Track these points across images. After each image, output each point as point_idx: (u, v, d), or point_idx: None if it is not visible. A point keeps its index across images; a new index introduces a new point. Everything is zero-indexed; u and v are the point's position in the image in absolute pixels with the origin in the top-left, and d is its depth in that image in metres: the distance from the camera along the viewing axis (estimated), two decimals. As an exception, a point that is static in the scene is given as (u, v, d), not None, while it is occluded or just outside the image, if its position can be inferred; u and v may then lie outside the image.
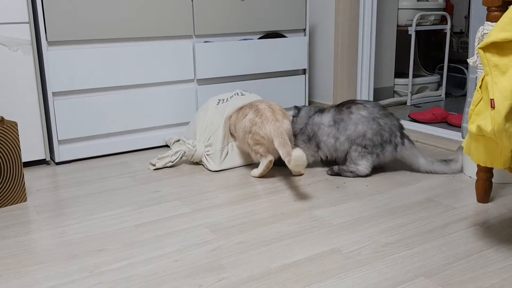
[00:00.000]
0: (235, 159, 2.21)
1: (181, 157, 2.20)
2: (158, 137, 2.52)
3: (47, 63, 2.19)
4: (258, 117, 2.02)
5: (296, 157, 1.79)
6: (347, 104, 2.05)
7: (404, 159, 2.04)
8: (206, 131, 2.22)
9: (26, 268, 1.38)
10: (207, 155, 2.20)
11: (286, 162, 1.86)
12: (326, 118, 2.06)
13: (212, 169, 2.16)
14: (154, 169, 2.19)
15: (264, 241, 1.51)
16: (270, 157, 2.03)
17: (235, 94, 2.30)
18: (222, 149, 2.17)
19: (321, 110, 2.11)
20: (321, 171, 2.14)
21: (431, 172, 2.06)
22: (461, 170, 2.07)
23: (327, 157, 2.11)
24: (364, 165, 2.01)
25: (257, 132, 2.01)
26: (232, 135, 2.22)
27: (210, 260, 1.41)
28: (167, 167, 2.22)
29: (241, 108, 2.19)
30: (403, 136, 2.02)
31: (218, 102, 2.28)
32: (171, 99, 2.50)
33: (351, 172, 2.03)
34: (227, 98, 2.29)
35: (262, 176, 2.07)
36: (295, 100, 2.89)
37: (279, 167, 2.17)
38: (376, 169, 2.12)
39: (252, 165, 2.23)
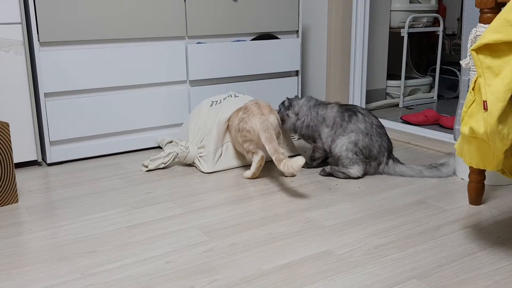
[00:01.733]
0: (229, 161, 2.20)
1: (174, 158, 2.19)
2: (150, 138, 2.51)
3: (39, 63, 2.17)
4: (245, 113, 2.04)
5: (297, 166, 1.78)
6: (350, 112, 2.08)
7: (390, 174, 2.09)
8: (199, 132, 2.22)
9: (17, 270, 1.37)
10: (199, 156, 2.19)
11: (274, 160, 1.87)
12: (329, 116, 2.10)
13: (205, 171, 2.15)
14: (147, 171, 2.18)
15: (257, 243, 1.51)
16: (261, 153, 2.03)
17: (228, 96, 2.30)
18: (215, 150, 2.16)
19: (323, 105, 2.15)
20: (314, 172, 2.14)
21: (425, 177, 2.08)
22: (453, 174, 2.08)
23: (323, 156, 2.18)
24: (356, 169, 2.03)
25: (243, 128, 2.01)
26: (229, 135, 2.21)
27: (202, 261, 1.40)
28: (159, 168, 2.21)
29: (237, 110, 2.18)
30: (389, 157, 2.07)
31: (212, 104, 2.28)
32: (164, 100, 2.49)
33: (342, 173, 2.04)
34: (220, 100, 2.28)
35: (255, 176, 2.06)
36: (288, 102, 2.89)
37: (273, 169, 2.17)
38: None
39: (246, 166, 2.22)
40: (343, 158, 2.03)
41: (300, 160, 1.78)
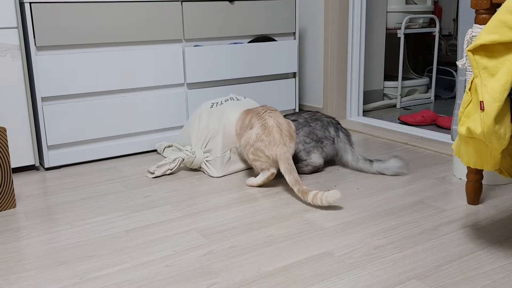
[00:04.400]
0: (239, 163, 2.17)
1: (180, 164, 2.17)
2: (148, 142, 2.51)
3: (36, 68, 2.17)
4: (266, 135, 1.93)
5: (333, 199, 1.73)
6: (289, 115, 2.24)
7: (339, 151, 2.15)
8: (202, 136, 2.19)
9: (15, 275, 1.37)
10: (206, 161, 2.17)
11: (296, 191, 1.82)
12: None
13: (215, 176, 2.13)
14: (153, 177, 2.16)
15: (256, 245, 1.51)
16: (273, 170, 1.96)
17: (229, 99, 2.27)
18: (223, 154, 2.14)
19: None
20: (312, 175, 2.14)
21: (356, 169, 2.15)
22: (385, 173, 2.09)
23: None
24: (314, 157, 2.12)
25: (261, 150, 1.92)
26: (237, 138, 2.13)
27: (201, 265, 1.40)
28: (166, 174, 2.19)
29: (247, 113, 2.08)
30: (337, 129, 2.16)
31: (212, 106, 2.25)
32: (161, 104, 2.49)
33: (306, 166, 2.12)
34: (221, 102, 2.25)
35: (260, 186, 2.02)
36: (285, 104, 2.89)
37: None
38: (366, 173, 2.13)
39: (253, 169, 2.22)
40: (299, 152, 2.11)
41: (337, 194, 1.72)
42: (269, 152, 1.92)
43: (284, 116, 2.21)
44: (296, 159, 2.11)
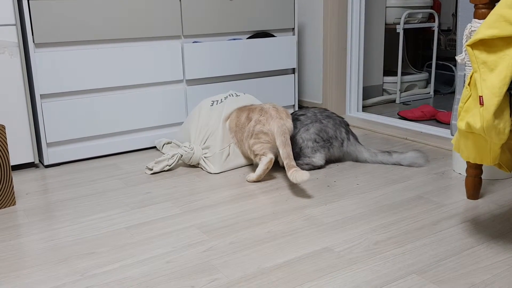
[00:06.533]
0: (237, 159, 2.18)
1: (178, 160, 2.17)
2: (148, 139, 2.51)
3: (35, 65, 2.17)
4: (263, 115, 2.03)
5: (300, 180, 1.80)
6: (297, 111, 2.24)
7: (350, 154, 2.20)
8: (201, 133, 2.20)
9: (16, 273, 1.37)
10: (205, 157, 2.18)
11: (285, 165, 1.87)
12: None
13: (213, 172, 2.13)
14: (152, 173, 2.16)
15: (256, 241, 1.51)
16: (271, 155, 1.99)
17: (229, 95, 2.28)
18: (222, 151, 2.14)
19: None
20: (311, 171, 2.14)
21: (378, 163, 2.19)
22: (405, 163, 2.16)
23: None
24: (318, 157, 2.13)
25: (260, 130, 2.00)
26: (231, 134, 2.18)
27: (202, 261, 1.40)
28: (164, 171, 2.20)
29: (242, 110, 2.15)
30: (348, 132, 2.19)
31: (212, 104, 2.26)
32: (160, 100, 2.49)
33: (306, 164, 2.12)
34: (221, 99, 2.26)
35: (259, 179, 2.02)
36: (285, 100, 2.89)
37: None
38: (365, 168, 2.13)
39: (253, 165, 2.22)
40: (304, 148, 2.12)
41: (305, 176, 1.79)
42: (267, 127, 1.99)
43: (291, 113, 2.23)
44: (300, 154, 2.12)
